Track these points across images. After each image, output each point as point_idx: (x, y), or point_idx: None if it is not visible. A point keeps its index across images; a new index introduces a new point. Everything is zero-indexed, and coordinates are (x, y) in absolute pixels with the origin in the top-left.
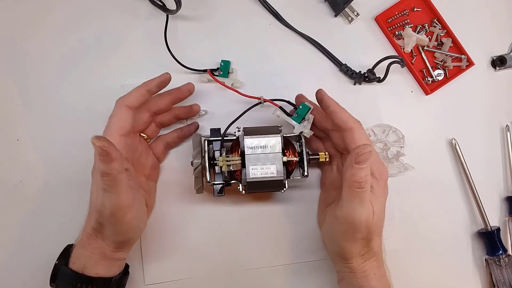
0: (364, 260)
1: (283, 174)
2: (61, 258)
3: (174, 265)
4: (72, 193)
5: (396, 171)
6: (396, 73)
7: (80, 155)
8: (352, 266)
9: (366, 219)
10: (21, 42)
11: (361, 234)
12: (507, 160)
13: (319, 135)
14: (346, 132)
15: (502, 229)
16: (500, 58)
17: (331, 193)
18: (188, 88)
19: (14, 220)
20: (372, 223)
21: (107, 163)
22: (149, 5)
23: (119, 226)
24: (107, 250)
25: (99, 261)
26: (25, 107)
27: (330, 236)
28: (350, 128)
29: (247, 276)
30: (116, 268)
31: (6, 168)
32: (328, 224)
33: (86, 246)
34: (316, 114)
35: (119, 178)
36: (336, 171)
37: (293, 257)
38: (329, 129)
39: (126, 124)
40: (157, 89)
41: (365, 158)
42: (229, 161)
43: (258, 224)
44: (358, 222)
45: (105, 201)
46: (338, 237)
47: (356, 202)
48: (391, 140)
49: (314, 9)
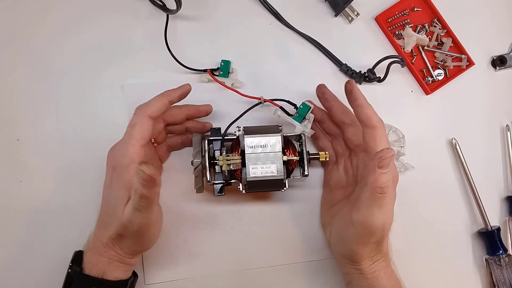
0: (374, 261)
1: (283, 173)
2: (74, 265)
3: (174, 265)
4: (72, 193)
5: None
6: (396, 73)
7: (80, 155)
8: (362, 268)
9: (383, 223)
10: (21, 42)
11: (375, 238)
12: (507, 160)
13: (331, 131)
14: (368, 129)
15: (502, 228)
16: (500, 58)
17: (336, 193)
18: (206, 109)
19: (14, 220)
20: (387, 227)
21: (150, 188)
22: (149, 5)
23: (142, 239)
24: (125, 257)
25: (118, 266)
26: (25, 107)
27: (340, 239)
28: (373, 126)
29: (247, 276)
30: (130, 272)
31: (6, 168)
32: (338, 227)
33: (102, 253)
34: (335, 106)
35: (155, 199)
36: (343, 171)
37: (293, 257)
38: (345, 123)
39: (147, 134)
40: (178, 100)
41: (388, 163)
42: (229, 160)
43: (258, 224)
44: (375, 227)
45: (134, 219)
46: (351, 240)
47: (376, 207)
48: (391, 140)
49: (314, 9)
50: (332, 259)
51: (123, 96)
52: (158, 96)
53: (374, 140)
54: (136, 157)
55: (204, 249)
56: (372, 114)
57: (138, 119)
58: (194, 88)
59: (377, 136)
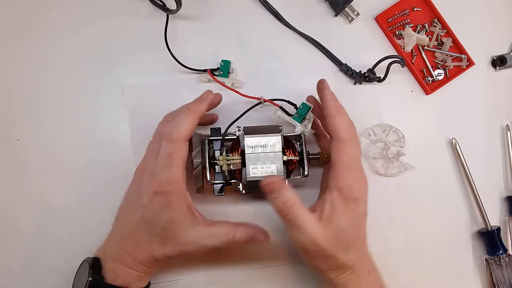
0: (339, 273)
1: (283, 173)
2: (95, 274)
3: (175, 265)
4: (72, 193)
5: (396, 170)
6: (396, 73)
7: (80, 155)
8: (329, 277)
9: (309, 242)
10: (21, 42)
11: (314, 255)
12: (507, 160)
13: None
14: (334, 141)
15: (502, 228)
16: (500, 58)
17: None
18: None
19: (14, 220)
20: (323, 245)
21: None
22: (149, 5)
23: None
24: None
25: (143, 278)
26: (25, 107)
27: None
28: (339, 138)
29: (247, 276)
30: (148, 279)
31: (6, 168)
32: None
33: (132, 266)
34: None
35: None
36: None
37: (294, 256)
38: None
39: (186, 157)
40: (208, 111)
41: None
42: (229, 160)
43: (258, 224)
44: (303, 247)
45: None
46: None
47: (290, 227)
48: (391, 139)
49: (314, 9)
50: None
51: (123, 96)
52: (185, 113)
53: (339, 154)
54: (182, 183)
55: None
56: (341, 126)
57: (175, 148)
58: (194, 88)
59: (343, 151)
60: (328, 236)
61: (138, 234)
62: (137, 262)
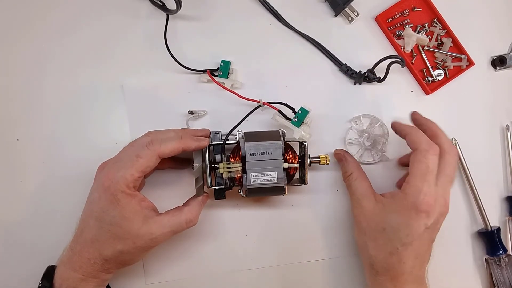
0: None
1: (284, 180)
2: (45, 281)
3: (175, 265)
4: (72, 194)
5: (370, 159)
6: (396, 73)
7: (80, 154)
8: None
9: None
10: (21, 42)
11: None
12: (507, 160)
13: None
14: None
15: (502, 229)
16: (500, 58)
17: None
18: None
19: (14, 220)
20: (367, 221)
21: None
22: (149, 5)
23: (140, 255)
24: (104, 273)
25: (91, 281)
26: (25, 107)
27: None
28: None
29: (247, 276)
30: (99, 283)
31: (6, 168)
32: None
33: (77, 269)
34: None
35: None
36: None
37: (293, 257)
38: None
39: (149, 170)
40: (192, 151)
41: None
42: (230, 167)
43: (258, 224)
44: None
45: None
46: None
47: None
48: (376, 133)
49: (314, 9)
50: (331, 259)
51: (123, 96)
52: (175, 141)
53: (418, 162)
54: (133, 185)
55: (204, 249)
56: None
57: (147, 154)
58: (193, 89)
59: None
60: (373, 218)
61: (85, 231)
62: (83, 261)
